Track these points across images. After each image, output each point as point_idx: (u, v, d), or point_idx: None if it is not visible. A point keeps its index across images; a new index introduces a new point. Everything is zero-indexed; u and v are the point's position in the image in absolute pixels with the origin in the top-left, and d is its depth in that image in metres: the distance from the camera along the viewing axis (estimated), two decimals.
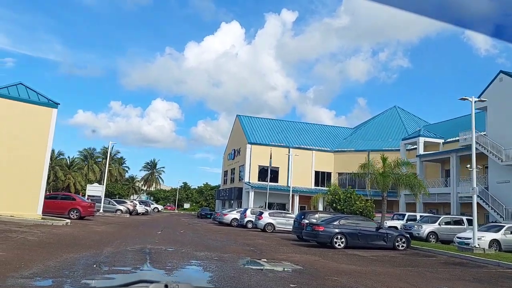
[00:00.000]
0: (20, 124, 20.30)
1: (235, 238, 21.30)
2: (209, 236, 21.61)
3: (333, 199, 28.54)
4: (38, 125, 20.79)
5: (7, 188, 19.76)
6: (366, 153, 56.90)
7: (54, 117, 21.13)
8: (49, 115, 21.00)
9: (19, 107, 20.29)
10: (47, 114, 20.98)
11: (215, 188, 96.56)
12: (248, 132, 58.57)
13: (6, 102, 20.00)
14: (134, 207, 45.44)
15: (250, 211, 33.04)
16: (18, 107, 20.27)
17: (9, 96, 20.09)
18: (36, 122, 20.74)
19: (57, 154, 78.77)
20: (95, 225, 22.72)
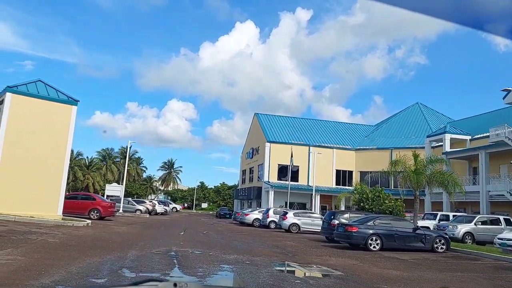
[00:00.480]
0: (40, 122, 19.72)
1: (260, 239, 20.36)
2: (233, 237, 20.72)
3: (360, 199, 27.36)
4: (58, 123, 20.19)
5: (27, 188, 19.20)
6: (388, 151, 55.61)
7: (74, 114, 20.50)
8: (68, 112, 20.38)
9: (38, 105, 19.70)
10: (67, 111, 20.36)
11: (233, 188, 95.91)
12: (266, 131, 57.61)
13: (25, 99, 19.43)
14: (153, 207, 44.93)
15: (273, 211, 32.07)
16: (37, 105, 19.69)
17: (28, 93, 19.52)
18: (55, 119, 20.14)
19: (76, 154, 79.04)
20: (116, 226, 22.03)
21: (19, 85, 19.57)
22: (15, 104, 18.99)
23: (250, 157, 61.93)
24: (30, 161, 19.37)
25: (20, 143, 19.22)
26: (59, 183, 20.08)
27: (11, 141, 18.89)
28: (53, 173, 19.92)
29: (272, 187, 51.45)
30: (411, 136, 57.26)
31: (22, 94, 19.29)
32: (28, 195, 19.06)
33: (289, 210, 28.73)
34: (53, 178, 19.90)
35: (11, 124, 18.84)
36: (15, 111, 18.98)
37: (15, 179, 18.93)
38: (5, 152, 18.63)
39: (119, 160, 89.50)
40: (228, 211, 59.61)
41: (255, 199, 56.42)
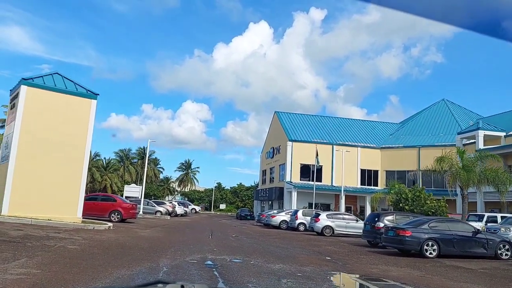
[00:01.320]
0: (57, 117, 18.26)
1: (297, 243, 18.54)
2: (266, 241, 18.93)
3: (398, 199, 25.34)
4: (77, 118, 18.70)
5: (44, 189, 17.73)
6: (416, 150, 53.36)
7: (94, 109, 18.98)
8: (88, 107, 18.87)
9: (55, 99, 18.23)
10: (86, 105, 18.85)
11: (251, 189, 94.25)
12: (288, 129, 55.75)
13: (42, 93, 17.96)
14: (173, 208, 43.48)
15: (302, 213, 30.20)
16: (55, 99, 18.21)
17: (44, 86, 18.05)
18: (74, 114, 18.66)
19: (94, 155, 78.27)
20: (139, 229, 20.46)
21: (34, 77, 18.11)
22: (31, 98, 17.55)
23: (270, 156, 60.12)
24: (47, 160, 17.89)
25: (36, 140, 17.76)
26: (78, 183, 18.57)
27: (26, 138, 17.45)
28: (72, 172, 18.43)
29: (295, 187, 49.57)
30: (439, 133, 54.80)
31: (38, 87, 17.82)
32: (45, 196, 17.60)
33: (321, 212, 26.84)
34: (72, 178, 18.39)
35: (27, 120, 17.40)
36: (30, 105, 17.54)
37: (31, 179, 17.48)
38: (20, 150, 17.18)
39: (136, 161, 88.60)
40: (248, 212, 57.91)
41: (276, 200, 54.59)
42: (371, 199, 29.98)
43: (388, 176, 55.37)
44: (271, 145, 60.61)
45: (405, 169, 53.26)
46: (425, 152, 52.03)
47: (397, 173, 54.35)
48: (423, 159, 51.73)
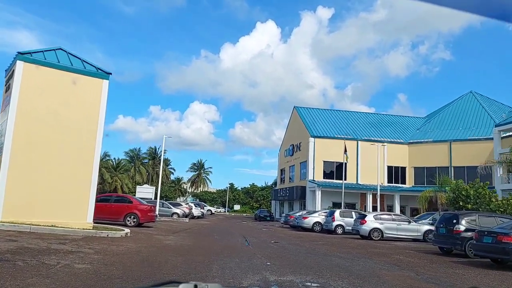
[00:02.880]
0: (61, 100, 14.97)
1: (356, 252, 15.08)
2: (317, 249, 15.48)
3: (456, 197, 21.76)
4: (85, 101, 15.39)
5: (46, 187, 14.43)
6: (447, 144, 49.63)
7: (105, 90, 15.64)
8: (98, 88, 15.55)
9: (58, 78, 14.93)
10: (96, 86, 15.53)
11: (266, 189, 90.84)
12: (309, 125, 52.25)
13: (42, 70, 14.64)
14: (190, 210, 40.21)
15: (339, 213, 26.68)
16: (58, 78, 14.91)
17: (45, 63, 14.75)
18: (82, 97, 15.35)
19: (103, 155, 75.31)
20: (161, 235, 17.11)
21: (33, 52, 14.86)
22: (29, 76, 14.27)
23: (290, 154, 56.63)
24: (50, 152, 14.60)
25: (36, 128, 14.47)
26: (88, 180, 15.26)
27: (24, 125, 14.18)
28: (81, 167, 15.12)
29: (319, 186, 46.04)
30: (470, 127, 51.00)
31: (37, 63, 14.52)
32: (47, 197, 14.29)
33: (368, 213, 23.33)
34: (81, 174, 15.09)
35: (24, 103, 14.12)
36: (28, 85, 14.26)
37: (30, 176, 14.21)
38: (16, 141, 13.89)
39: (147, 161, 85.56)
40: (267, 213, 54.46)
41: (298, 199, 51.12)
42: (419, 198, 26.33)
43: (416, 173, 51.82)
44: (290, 142, 57.12)
45: (435, 165, 49.64)
46: (457, 146, 48.35)
47: (426, 169, 50.78)
48: (455, 154, 48.10)
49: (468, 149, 47.26)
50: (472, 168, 46.96)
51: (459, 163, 47.65)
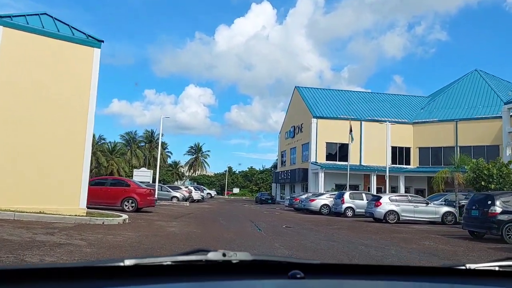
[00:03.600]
0: (46, 69, 13.19)
1: (378, 237, 13.61)
2: (337, 234, 13.98)
3: (477, 177, 20.31)
4: (74, 72, 13.60)
5: (32, 169, 12.77)
6: (453, 124, 48.04)
7: (97, 60, 13.86)
8: (89, 57, 13.75)
9: (43, 45, 13.12)
10: (86, 55, 13.72)
11: (265, 172, 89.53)
12: (311, 105, 50.53)
13: (24, 36, 12.79)
14: (190, 193, 38.72)
15: (349, 195, 25.22)
16: (43, 45, 13.10)
17: (28, 28, 12.89)
18: (70, 67, 13.56)
19: (98, 138, 73.49)
20: (163, 221, 15.56)
21: (14, 15, 13.01)
22: (9, 42, 12.42)
23: (291, 136, 55.01)
24: (35, 131, 12.88)
25: (19, 103, 12.71)
26: (80, 162, 13.60)
27: (4, 100, 12.44)
28: (71, 147, 13.43)
29: (322, 168, 44.59)
30: (476, 106, 49.42)
31: (19, 28, 12.67)
32: (34, 179, 12.62)
33: (383, 194, 21.86)
34: (72, 156, 13.41)
35: (4, 73, 12.36)
36: (8, 53, 12.43)
37: (14, 158, 12.54)
38: None
39: (144, 145, 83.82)
40: (268, 196, 53.13)
41: (300, 182, 49.69)
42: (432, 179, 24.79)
43: (421, 153, 50.41)
44: (291, 124, 55.44)
45: (441, 145, 48.24)
46: (463, 126, 46.86)
47: (431, 149, 49.41)
48: (461, 133, 46.67)
49: (475, 128, 45.83)
50: (478, 148, 45.68)
51: (465, 143, 46.23)
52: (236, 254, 1.27)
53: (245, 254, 1.29)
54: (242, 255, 1.29)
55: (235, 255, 1.27)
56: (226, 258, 1.26)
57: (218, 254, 1.26)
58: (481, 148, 45.27)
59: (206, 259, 1.25)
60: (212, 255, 1.25)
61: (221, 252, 1.26)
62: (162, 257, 1.23)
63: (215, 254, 1.26)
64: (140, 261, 1.19)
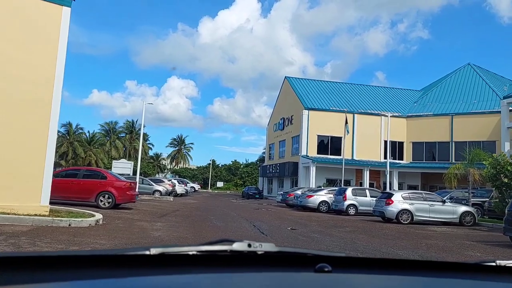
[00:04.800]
0: (2, 32, 10.42)
1: (404, 243, 11.31)
2: (355, 240, 11.64)
3: (497, 172, 18.26)
4: (37, 37, 10.82)
5: None
6: (448, 118, 46.45)
7: (66, 21, 11.10)
8: (56, 17, 10.99)
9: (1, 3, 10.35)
10: (53, 15, 10.98)
11: (251, 165, 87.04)
12: (302, 96, 48.26)
13: None
14: (173, 187, 36.00)
15: (351, 192, 22.93)
16: None
17: None
18: (32, 29, 10.78)
19: (76, 128, 69.82)
20: (145, 221, 12.94)
21: None
22: None
23: (280, 128, 52.65)
24: None
25: None
26: (42, 149, 10.83)
27: None
28: (32, 130, 10.69)
29: (314, 161, 42.44)
30: (471, 100, 47.96)
31: None
32: None
33: (395, 192, 19.59)
34: (32, 140, 10.66)
35: None
36: None
37: None
38: None
39: (124, 136, 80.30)
40: (256, 190, 50.69)
41: (289, 176, 47.44)
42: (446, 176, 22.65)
43: (415, 148, 48.75)
44: (281, 116, 53.06)
45: (435, 140, 46.66)
46: (459, 120, 45.32)
47: (425, 144, 47.80)
48: (456, 128, 45.13)
49: (471, 123, 44.33)
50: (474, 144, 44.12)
51: (460, 138, 44.73)
52: (261, 245, 1.26)
53: (270, 245, 1.28)
54: (268, 246, 1.27)
55: (260, 246, 1.26)
56: (251, 249, 1.25)
57: (244, 244, 1.25)
58: (477, 144, 43.72)
59: (231, 249, 1.24)
60: (237, 245, 1.25)
61: (247, 243, 1.25)
62: (187, 246, 1.23)
63: (240, 245, 1.25)
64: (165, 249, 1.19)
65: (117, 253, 1.18)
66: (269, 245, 1.27)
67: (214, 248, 1.25)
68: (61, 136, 68.86)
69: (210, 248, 1.25)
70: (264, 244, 1.25)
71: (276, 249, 1.26)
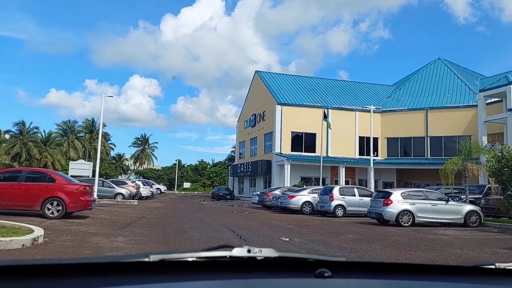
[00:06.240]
0: None
1: (433, 256, 9.08)
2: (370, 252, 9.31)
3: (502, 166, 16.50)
4: None
5: None
6: (423, 112, 45.50)
7: None
8: None
9: None
10: None
11: (219, 165, 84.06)
12: (275, 91, 46.04)
13: None
14: (138, 189, 32.86)
15: (339, 191, 20.66)
16: None
17: None
18: None
19: (30, 127, 64.76)
20: (102, 235, 10.07)
21: None
22: None
23: (251, 125, 50.20)
24: None
25: None
26: None
27: None
28: None
29: (289, 159, 40.32)
30: (445, 94, 47.33)
31: None
32: None
33: (394, 190, 17.40)
34: None
35: None
36: None
37: None
38: None
39: (83, 135, 75.53)
40: (226, 191, 47.93)
41: (262, 175, 45.09)
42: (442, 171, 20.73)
43: (389, 144, 47.53)
44: (252, 112, 50.59)
45: (410, 135, 45.60)
46: (434, 115, 44.44)
47: (400, 140, 46.68)
48: (431, 123, 44.20)
49: (446, 118, 43.52)
50: (449, 138, 43.30)
51: (436, 133, 43.88)
52: (261, 251, 1.26)
53: (270, 251, 1.27)
54: (267, 252, 1.26)
55: (260, 252, 1.25)
56: (251, 254, 1.25)
57: (243, 250, 1.24)
58: (452, 138, 43.01)
59: (231, 255, 1.24)
60: (236, 251, 1.24)
61: (246, 248, 1.24)
62: (186, 253, 1.22)
63: (240, 250, 1.24)
64: (165, 256, 1.19)
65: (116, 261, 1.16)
66: (269, 250, 1.25)
67: (213, 254, 1.23)
68: (14, 136, 63.74)
69: (210, 254, 1.23)
70: (263, 249, 1.24)
71: (276, 255, 1.26)
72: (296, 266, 1.27)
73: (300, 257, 1.31)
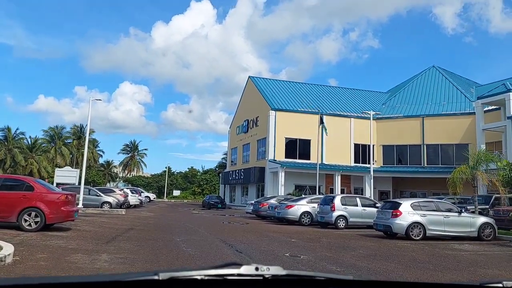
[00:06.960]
0: None
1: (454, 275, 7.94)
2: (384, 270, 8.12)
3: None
4: None
5: None
6: (419, 120, 44.74)
7: None
8: None
9: None
10: None
11: (210, 172, 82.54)
12: (268, 97, 44.97)
13: None
14: (126, 197, 31.40)
15: (340, 200, 19.47)
16: None
17: None
18: None
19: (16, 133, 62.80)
20: (84, 253, 8.73)
21: None
22: None
23: (244, 131, 48.99)
24: None
25: None
26: None
27: None
28: None
29: (283, 166, 39.14)
30: (440, 102, 46.72)
31: None
32: None
33: (403, 200, 16.21)
34: None
35: None
36: None
37: None
38: None
39: (71, 142, 73.60)
40: (218, 200, 46.45)
41: (255, 182, 43.78)
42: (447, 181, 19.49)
43: (385, 152, 46.60)
44: (245, 117, 49.41)
45: (406, 143, 44.78)
46: (430, 122, 43.72)
47: (396, 148, 45.81)
48: (428, 130, 43.45)
49: (443, 126, 42.82)
50: (446, 146, 42.53)
51: (432, 141, 43.14)
52: (269, 269, 1.26)
53: (278, 269, 1.27)
54: (275, 270, 1.27)
55: (268, 270, 1.26)
56: (259, 272, 1.25)
57: (251, 268, 1.25)
58: (449, 147, 42.32)
59: (239, 273, 1.25)
60: (244, 269, 1.25)
61: (254, 266, 1.25)
62: (194, 271, 1.22)
63: (248, 268, 1.25)
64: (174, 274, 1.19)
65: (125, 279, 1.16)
66: (277, 268, 1.26)
67: (222, 272, 1.24)
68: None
69: (218, 272, 1.24)
70: (271, 267, 1.24)
71: (284, 272, 1.26)
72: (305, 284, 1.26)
73: (308, 275, 1.29)
